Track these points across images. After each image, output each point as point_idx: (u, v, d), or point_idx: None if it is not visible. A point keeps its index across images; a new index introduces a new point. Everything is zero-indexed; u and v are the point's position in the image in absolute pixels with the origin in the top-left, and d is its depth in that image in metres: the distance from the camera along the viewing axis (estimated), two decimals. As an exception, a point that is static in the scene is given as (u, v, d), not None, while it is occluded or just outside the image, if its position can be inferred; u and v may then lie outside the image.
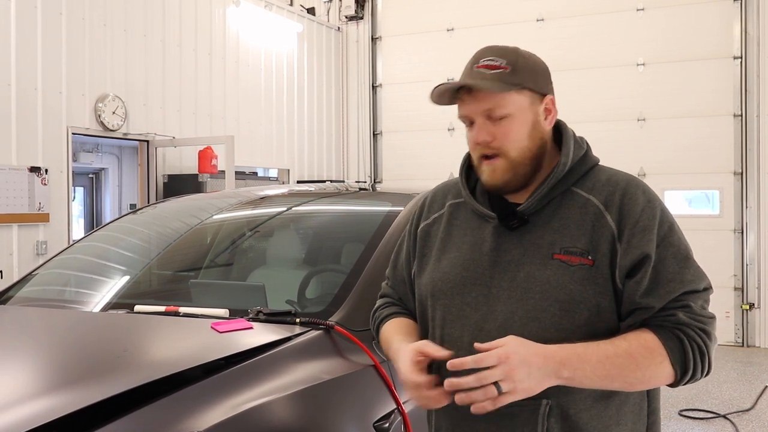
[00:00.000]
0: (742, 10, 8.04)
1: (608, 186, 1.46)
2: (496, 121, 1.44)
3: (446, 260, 1.53)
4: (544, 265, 1.41)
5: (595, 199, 1.44)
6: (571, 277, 1.39)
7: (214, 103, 7.75)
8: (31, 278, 2.85)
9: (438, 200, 1.67)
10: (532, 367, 1.28)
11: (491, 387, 1.25)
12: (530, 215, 1.46)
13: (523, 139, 1.46)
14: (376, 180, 9.88)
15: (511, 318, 1.41)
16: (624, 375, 1.33)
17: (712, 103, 8.14)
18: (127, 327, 2.17)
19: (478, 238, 1.50)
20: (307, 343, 1.92)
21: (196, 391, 1.60)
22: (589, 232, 1.41)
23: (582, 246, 1.40)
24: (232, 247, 3.04)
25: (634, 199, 1.42)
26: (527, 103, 1.46)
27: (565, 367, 1.30)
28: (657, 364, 1.34)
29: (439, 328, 1.51)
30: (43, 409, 1.47)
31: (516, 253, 1.45)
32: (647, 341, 1.35)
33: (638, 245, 1.38)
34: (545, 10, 8.82)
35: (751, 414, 5.49)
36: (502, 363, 1.26)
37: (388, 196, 3.20)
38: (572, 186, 1.47)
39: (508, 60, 1.45)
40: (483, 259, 1.47)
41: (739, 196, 8.05)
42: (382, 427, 1.85)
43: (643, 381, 1.36)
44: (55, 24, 5.96)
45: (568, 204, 1.46)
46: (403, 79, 9.71)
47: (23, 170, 5.66)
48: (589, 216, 1.43)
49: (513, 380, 1.25)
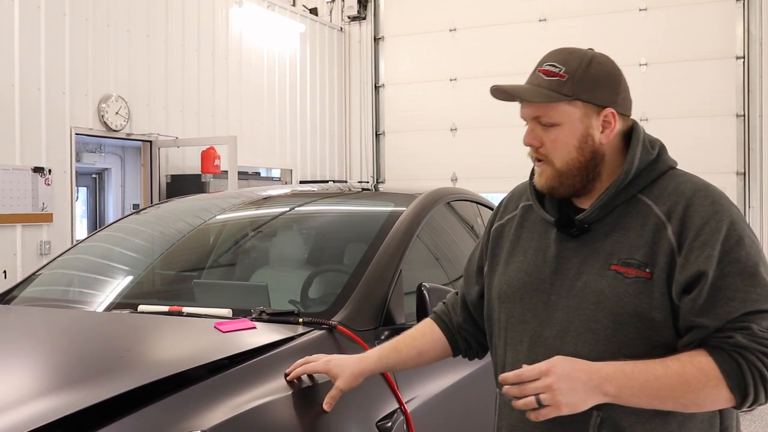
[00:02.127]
0: (745, 9, 8.03)
1: (673, 195, 1.40)
2: (546, 127, 1.43)
3: (513, 264, 1.54)
4: (600, 275, 1.39)
5: (658, 209, 1.39)
6: (626, 290, 1.36)
7: (217, 104, 7.76)
8: (35, 278, 2.85)
9: (514, 201, 1.65)
10: (576, 381, 1.27)
11: (531, 399, 1.27)
12: (592, 223, 1.43)
13: (571, 150, 1.42)
14: (378, 180, 9.88)
15: (568, 327, 1.40)
16: (675, 396, 1.29)
17: (715, 103, 8.14)
18: (131, 327, 2.17)
19: (543, 244, 1.50)
20: (310, 343, 1.93)
21: (199, 391, 1.61)
22: (648, 243, 1.37)
23: (640, 258, 1.37)
24: (235, 247, 3.04)
25: (698, 210, 1.36)
26: (579, 114, 1.42)
27: (609, 383, 1.28)
28: (711, 387, 1.29)
29: (503, 331, 1.54)
30: (47, 409, 1.48)
31: (576, 262, 1.43)
32: (701, 363, 1.29)
33: (695, 261, 1.32)
34: (547, 10, 8.82)
35: (754, 414, 5.49)
36: (543, 376, 1.27)
37: (390, 197, 3.20)
38: (639, 193, 1.43)
39: (568, 68, 1.42)
40: (545, 265, 1.47)
41: (741, 196, 8.04)
42: (385, 426, 1.86)
43: (698, 403, 1.31)
44: (58, 25, 5.98)
45: (632, 213, 1.41)
46: (405, 80, 9.72)
47: (27, 170, 5.68)
48: (650, 227, 1.38)
49: (553, 393, 1.26)
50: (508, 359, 1.50)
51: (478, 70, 9.08)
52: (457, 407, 2.26)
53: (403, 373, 1.98)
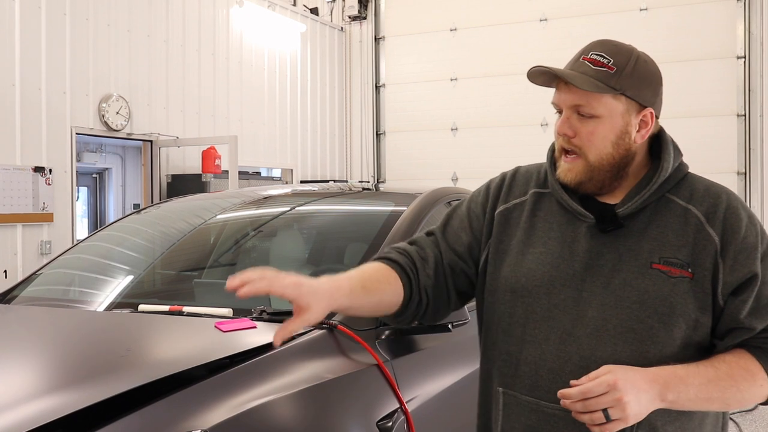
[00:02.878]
0: (746, 9, 8.03)
1: (708, 197, 1.41)
2: (584, 118, 1.39)
3: (532, 255, 1.46)
4: (641, 273, 1.36)
5: (696, 210, 1.39)
6: (672, 289, 1.34)
7: (218, 103, 7.76)
8: (36, 278, 2.85)
9: (520, 185, 1.56)
10: (641, 392, 1.26)
11: (598, 414, 1.24)
12: (624, 219, 1.41)
13: (607, 145, 1.39)
14: (379, 180, 9.88)
15: (604, 326, 1.36)
16: (725, 397, 1.32)
17: (716, 102, 8.14)
18: (131, 326, 2.18)
19: (568, 237, 1.44)
20: (310, 343, 1.93)
21: (200, 390, 1.61)
22: (690, 243, 1.36)
23: (683, 258, 1.36)
24: (235, 247, 3.05)
25: (737, 214, 1.38)
26: (621, 110, 1.39)
27: (669, 390, 1.29)
28: (758, 387, 1.34)
29: (520, 327, 1.44)
30: (48, 408, 1.48)
31: (610, 258, 1.39)
32: (748, 364, 1.33)
33: (746, 263, 1.34)
34: (548, 10, 8.82)
35: (755, 414, 5.48)
36: (612, 390, 1.24)
37: (391, 196, 3.20)
38: (667, 193, 1.42)
39: (617, 60, 1.39)
40: (575, 260, 1.41)
41: (742, 196, 8.05)
42: (385, 426, 1.86)
43: (741, 402, 1.35)
44: (59, 24, 5.98)
45: (665, 212, 1.40)
46: (406, 79, 9.72)
47: (27, 170, 5.68)
48: (691, 227, 1.38)
49: (623, 407, 1.24)
50: (528, 357, 1.42)
51: (479, 69, 9.08)
52: (457, 407, 2.26)
53: (403, 373, 1.98)
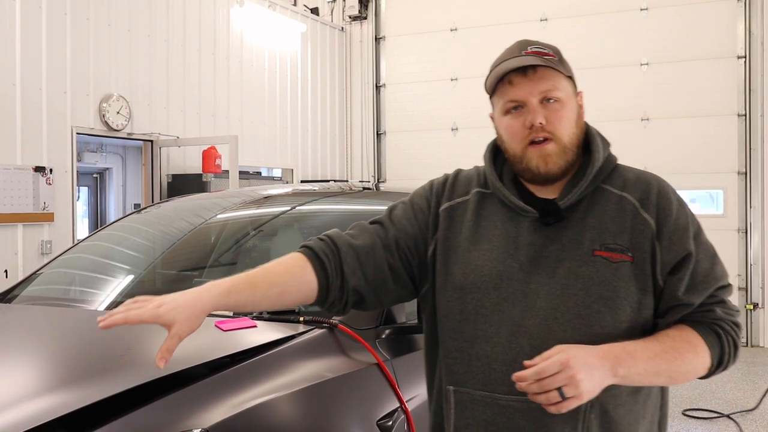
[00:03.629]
0: (746, 9, 8.02)
1: (640, 184, 1.47)
2: (550, 104, 1.44)
3: (478, 253, 1.48)
4: (585, 261, 1.40)
5: (630, 197, 1.45)
6: (614, 274, 1.39)
7: (218, 103, 7.76)
8: (36, 277, 2.86)
9: (462, 185, 1.59)
10: (593, 369, 1.29)
11: (554, 393, 1.26)
12: (565, 211, 1.45)
13: (572, 125, 1.47)
14: (379, 179, 9.88)
15: (553, 314, 1.39)
16: (670, 370, 1.37)
17: (716, 102, 8.13)
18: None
19: (512, 232, 1.47)
20: (310, 342, 1.93)
21: (200, 389, 1.61)
22: (628, 229, 1.42)
23: (622, 243, 1.41)
24: (235, 247, 3.05)
25: (668, 198, 1.45)
26: (572, 92, 1.50)
27: (620, 365, 1.32)
28: (700, 358, 1.39)
29: (470, 323, 1.45)
30: (48, 407, 1.48)
31: (554, 249, 1.43)
32: (689, 336, 1.40)
33: (680, 243, 1.41)
34: (549, 9, 8.81)
35: (755, 414, 5.48)
36: (565, 368, 1.26)
37: (391, 196, 3.20)
38: (601, 183, 1.48)
39: (554, 50, 1.48)
40: (520, 253, 1.44)
41: (743, 195, 8.03)
42: (386, 425, 1.86)
43: (685, 375, 1.40)
44: (59, 24, 5.98)
45: (602, 201, 1.46)
46: (406, 79, 9.71)
47: (28, 170, 5.68)
48: (627, 213, 1.43)
49: (577, 384, 1.26)
50: (480, 352, 1.43)
51: (479, 70, 8.98)
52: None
53: (404, 372, 1.98)
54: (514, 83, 1.45)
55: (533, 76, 1.44)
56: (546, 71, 1.44)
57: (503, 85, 1.47)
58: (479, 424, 1.43)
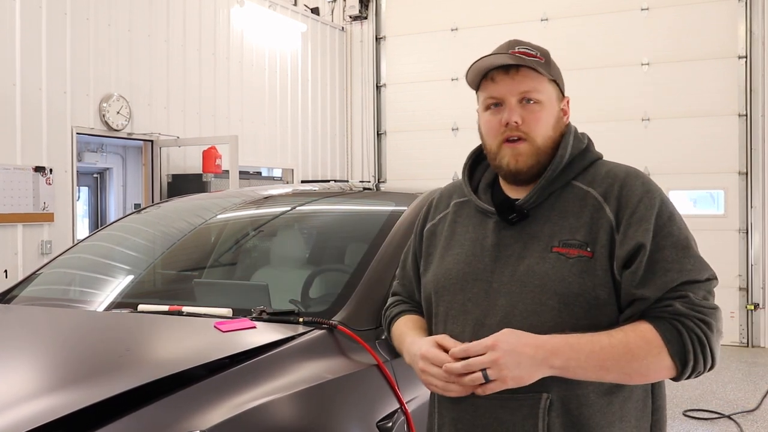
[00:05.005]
0: (747, 9, 8.02)
1: (607, 178, 1.47)
2: (529, 105, 1.47)
3: (449, 257, 1.55)
4: (543, 258, 1.42)
5: (595, 192, 1.45)
6: (570, 270, 1.39)
7: (218, 103, 7.76)
8: (36, 277, 2.85)
9: (444, 200, 1.68)
10: (522, 356, 1.30)
11: (477, 374, 1.30)
12: (531, 209, 1.48)
13: (549, 128, 1.48)
14: (380, 180, 9.88)
15: (512, 312, 1.41)
16: (620, 366, 1.33)
17: (717, 102, 8.12)
18: (131, 326, 2.17)
19: (480, 234, 1.52)
20: (310, 343, 1.92)
21: (199, 390, 1.61)
22: (587, 224, 1.42)
23: (580, 238, 1.41)
24: (235, 247, 3.04)
25: (632, 189, 1.43)
26: (555, 96, 1.51)
27: (556, 356, 1.31)
28: (654, 355, 1.33)
29: (442, 324, 1.51)
30: (47, 408, 1.47)
31: (516, 248, 1.46)
32: (644, 332, 1.33)
33: (633, 235, 1.38)
34: (549, 9, 8.81)
35: (756, 414, 5.48)
36: (489, 351, 1.30)
37: (391, 196, 3.20)
38: (572, 180, 1.49)
39: (542, 52, 1.50)
40: (484, 254, 1.48)
41: (744, 196, 8.03)
42: (385, 426, 1.85)
43: (642, 373, 1.35)
44: (59, 24, 5.98)
45: (567, 197, 1.47)
46: (407, 79, 9.71)
47: (28, 170, 5.68)
48: (588, 208, 1.44)
49: (499, 368, 1.29)
50: None
51: (480, 69, 9.00)
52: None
53: (403, 373, 1.97)
54: (497, 80, 1.48)
55: (516, 76, 1.47)
56: (529, 72, 1.46)
57: (486, 81, 1.50)
58: (450, 422, 1.48)
